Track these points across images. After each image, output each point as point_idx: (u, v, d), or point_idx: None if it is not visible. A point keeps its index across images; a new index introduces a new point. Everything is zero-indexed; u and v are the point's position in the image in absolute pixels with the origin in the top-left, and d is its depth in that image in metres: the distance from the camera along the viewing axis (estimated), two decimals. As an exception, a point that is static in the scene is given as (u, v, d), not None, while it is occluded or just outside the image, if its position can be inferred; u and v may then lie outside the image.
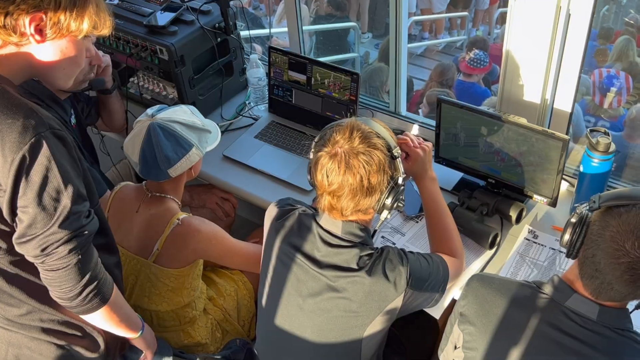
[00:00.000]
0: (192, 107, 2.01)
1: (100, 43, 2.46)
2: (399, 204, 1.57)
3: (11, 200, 1.29)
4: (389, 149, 1.53)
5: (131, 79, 2.58)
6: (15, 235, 1.33)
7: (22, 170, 1.26)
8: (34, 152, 1.26)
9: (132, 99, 2.56)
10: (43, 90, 1.64)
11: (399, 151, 1.56)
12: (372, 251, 1.57)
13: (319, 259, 1.58)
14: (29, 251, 1.34)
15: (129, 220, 1.94)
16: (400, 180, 1.55)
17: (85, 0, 1.31)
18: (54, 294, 1.42)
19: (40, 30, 1.28)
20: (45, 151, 1.27)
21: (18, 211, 1.30)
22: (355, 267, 1.55)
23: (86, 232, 1.38)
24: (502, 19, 6.08)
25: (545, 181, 1.93)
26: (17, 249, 1.35)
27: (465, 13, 6.70)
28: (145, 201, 1.96)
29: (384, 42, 5.02)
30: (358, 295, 1.55)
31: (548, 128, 1.90)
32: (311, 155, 1.58)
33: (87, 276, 1.40)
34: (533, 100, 2.04)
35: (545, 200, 1.97)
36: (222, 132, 2.46)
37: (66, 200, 1.31)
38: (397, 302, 1.56)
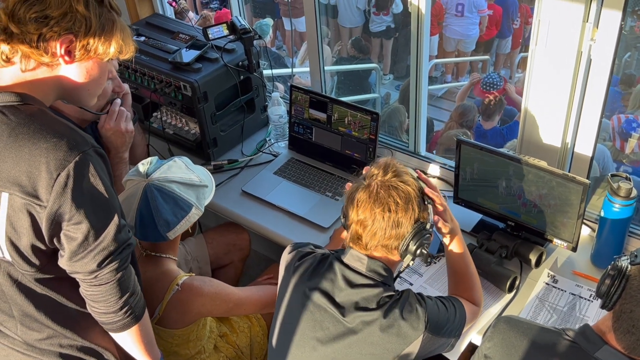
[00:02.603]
0: (185, 158, 1.96)
1: (126, 78, 2.51)
2: (423, 251, 1.55)
3: (52, 218, 1.31)
4: (421, 192, 1.55)
5: (154, 114, 2.62)
6: (68, 254, 1.36)
7: (68, 188, 1.29)
8: (79, 169, 1.30)
9: (155, 133, 2.60)
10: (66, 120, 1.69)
11: (431, 201, 1.57)
12: (393, 293, 1.56)
13: (339, 298, 1.56)
14: (84, 267, 1.37)
15: None
16: (427, 226, 1.55)
17: (113, 26, 1.38)
18: (96, 310, 1.44)
19: (69, 52, 1.34)
20: (90, 168, 1.32)
21: (67, 230, 1.33)
22: (374, 306, 1.53)
23: (131, 244, 1.43)
24: (524, 64, 6.11)
25: (565, 225, 1.91)
26: (71, 267, 1.38)
27: (487, 57, 6.74)
28: (140, 260, 1.83)
29: (405, 84, 5.07)
30: (374, 336, 1.52)
31: (569, 172, 1.88)
32: (347, 188, 1.61)
33: (130, 290, 1.45)
34: (553, 143, 2.04)
35: (565, 244, 1.94)
36: (242, 168, 2.50)
37: (114, 214, 1.36)
38: (414, 347, 1.53)
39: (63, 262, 1.38)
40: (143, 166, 1.87)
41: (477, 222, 2.15)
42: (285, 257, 1.73)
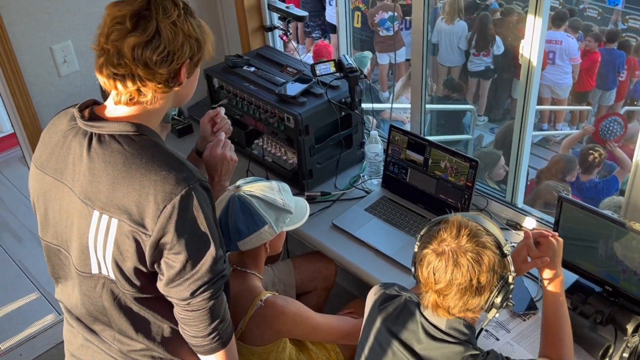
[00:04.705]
0: (283, 184, 2.03)
1: (233, 105, 2.63)
2: (509, 303, 1.52)
3: (155, 246, 1.38)
4: (499, 247, 1.49)
5: (256, 141, 2.72)
6: (165, 280, 1.43)
7: (172, 219, 1.36)
8: (184, 202, 1.36)
9: (255, 159, 2.69)
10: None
11: (509, 249, 1.52)
12: (477, 352, 1.52)
13: (418, 351, 1.55)
14: (179, 294, 1.44)
15: None
16: (510, 279, 1.51)
17: (204, 30, 1.44)
18: (187, 332, 1.50)
19: (187, 72, 1.42)
20: (194, 202, 1.38)
21: (167, 258, 1.40)
22: None
23: (225, 275, 1.48)
24: (628, 117, 5.87)
25: (669, 297, 1.82)
26: (166, 292, 1.45)
27: (589, 107, 6.53)
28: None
29: (503, 129, 4.98)
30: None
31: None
32: (415, 249, 1.56)
33: (220, 317, 1.49)
34: (663, 211, 1.95)
35: (667, 317, 1.85)
36: (334, 201, 2.54)
37: (212, 247, 1.42)
38: None
39: (160, 286, 1.45)
40: (242, 180, 1.99)
41: (572, 282, 2.08)
42: (372, 297, 1.74)
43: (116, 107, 1.43)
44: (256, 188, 1.94)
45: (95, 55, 1.39)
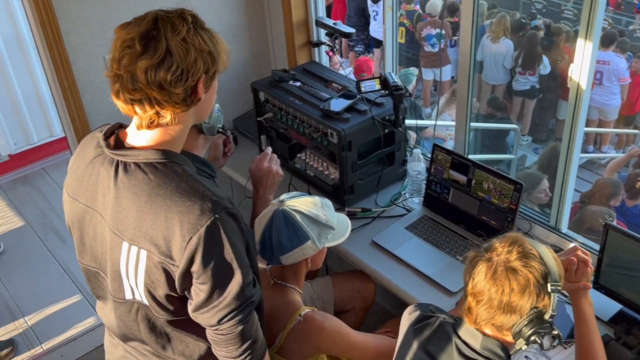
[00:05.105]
0: (327, 200, 2.03)
1: (277, 119, 2.66)
2: (537, 339, 1.47)
3: (184, 275, 1.39)
4: (545, 279, 1.46)
5: (299, 155, 2.74)
6: (192, 307, 1.44)
7: (199, 250, 1.35)
8: (209, 233, 1.35)
9: (297, 173, 2.72)
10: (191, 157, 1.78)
11: (559, 288, 1.49)
12: None
13: None
14: (206, 320, 1.45)
15: None
16: (546, 316, 1.47)
17: (217, 41, 1.39)
18: (218, 353, 1.52)
19: (204, 87, 1.39)
20: (220, 232, 1.37)
21: (195, 286, 1.41)
22: None
23: (254, 300, 1.48)
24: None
25: None
26: (195, 317, 1.46)
27: (637, 131, 6.37)
28: (268, 288, 1.98)
29: (547, 150, 4.90)
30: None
31: None
32: (470, 255, 1.58)
33: (252, 339, 1.50)
34: None
35: None
36: (374, 218, 2.54)
37: (238, 275, 1.41)
38: None
39: (189, 310, 1.46)
40: (286, 195, 2.00)
41: (616, 312, 2.03)
42: (407, 317, 1.73)
43: (139, 132, 1.41)
44: (300, 203, 1.96)
45: (110, 82, 1.36)
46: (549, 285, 1.46)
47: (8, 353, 3.18)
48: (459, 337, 1.56)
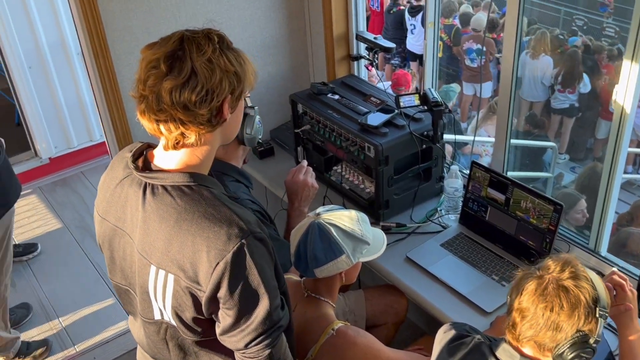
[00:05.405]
0: (363, 215, 2.02)
1: (315, 131, 2.67)
2: None
3: (210, 300, 1.38)
4: (595, 302, 1.44)
5: (335, 168, 2.75)
6: (220, 330, 1.44)
7: (225, 276, 1.34)
8: (236, 259, 1.34)
9: (333, 186, 2.72)
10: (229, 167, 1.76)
11: (607, 314, 1.47)
12: None
13: None
14: (233, 344, 1.45)
15: None
16: (591, 341, 1.44)
17: (244, 60, 1.38)
18: None
19: (231, 107, 1.38)
20: (247, 257, 1.35)
21: (222, 311, 1.40)
22: None
23: (282, 325, 1.46)
24: None
25: None
26: (222, 340, 1.46)
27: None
28: (302, 300, 2.00)
29: (586, 170, 4.82)
30: None
31: None
32: (519, 273, 1.56)
33: None
34: None
35: None
36: (409, 234, 2.52)
37: (265, 300, 1.40)
38: None
39: (217, 334, 1.46)
40: (322, 208, 2.00)
41: (658, 340, 1.97)
42: (441, 335, 1.71)
43: (166, 154, 1.41)
44: (336, 217, 1.96)
45: (136, 102, 1.36)
46: (597, 309, 1.44)
47: (42, 352, 3.24)
48: (496, 357, 1.54)
